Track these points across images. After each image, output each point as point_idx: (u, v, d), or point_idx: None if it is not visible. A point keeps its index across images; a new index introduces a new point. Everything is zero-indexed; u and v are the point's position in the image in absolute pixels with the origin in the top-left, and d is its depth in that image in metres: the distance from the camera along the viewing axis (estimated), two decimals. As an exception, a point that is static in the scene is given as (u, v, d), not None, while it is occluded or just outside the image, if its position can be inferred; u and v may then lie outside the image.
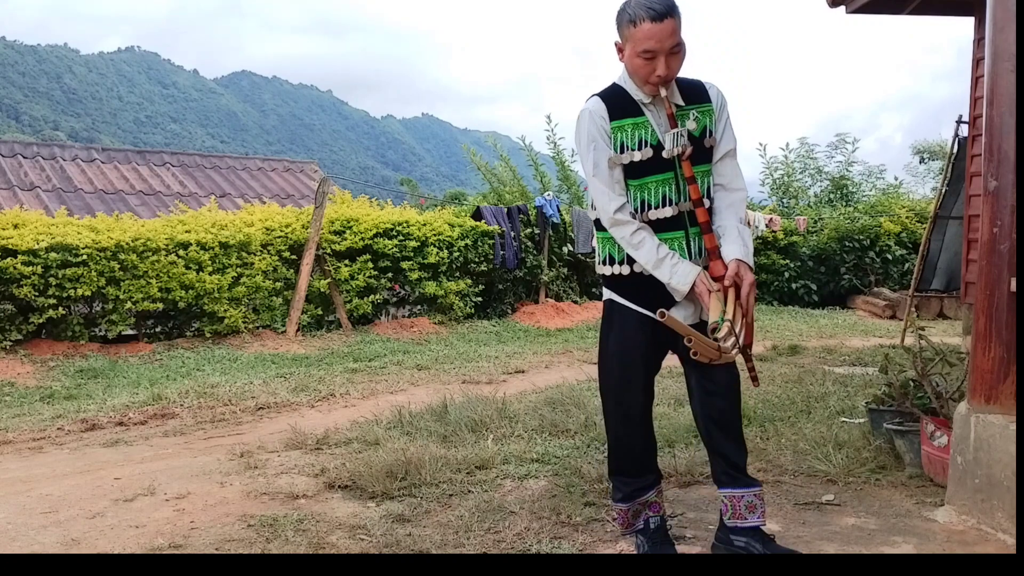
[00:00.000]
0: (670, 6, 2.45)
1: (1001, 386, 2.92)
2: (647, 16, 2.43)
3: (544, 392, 5.54)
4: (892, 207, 14.13)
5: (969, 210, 5.94)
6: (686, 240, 2.60)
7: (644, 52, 2.46)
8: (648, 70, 2.49)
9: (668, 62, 2.47)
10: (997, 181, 2.93)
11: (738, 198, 2.65)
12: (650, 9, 2.43)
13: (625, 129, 2.58)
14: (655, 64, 2.47)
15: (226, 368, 7.20)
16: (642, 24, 2.44)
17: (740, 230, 2.59)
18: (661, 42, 2.44)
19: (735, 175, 2.65)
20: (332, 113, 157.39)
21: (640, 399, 2.72)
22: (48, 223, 7.91)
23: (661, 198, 2.58)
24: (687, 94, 2.61)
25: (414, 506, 3.25)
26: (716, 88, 2.66)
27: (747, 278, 2.53)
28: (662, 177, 2.58)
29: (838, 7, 6.24)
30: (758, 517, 2.62)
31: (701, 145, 2.60)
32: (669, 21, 2.43)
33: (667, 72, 2.48)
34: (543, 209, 11.21)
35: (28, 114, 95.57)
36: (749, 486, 2.64)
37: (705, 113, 2.61)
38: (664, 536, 2.74)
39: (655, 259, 2.54)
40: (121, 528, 3.12)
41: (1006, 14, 2.91)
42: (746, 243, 2.57)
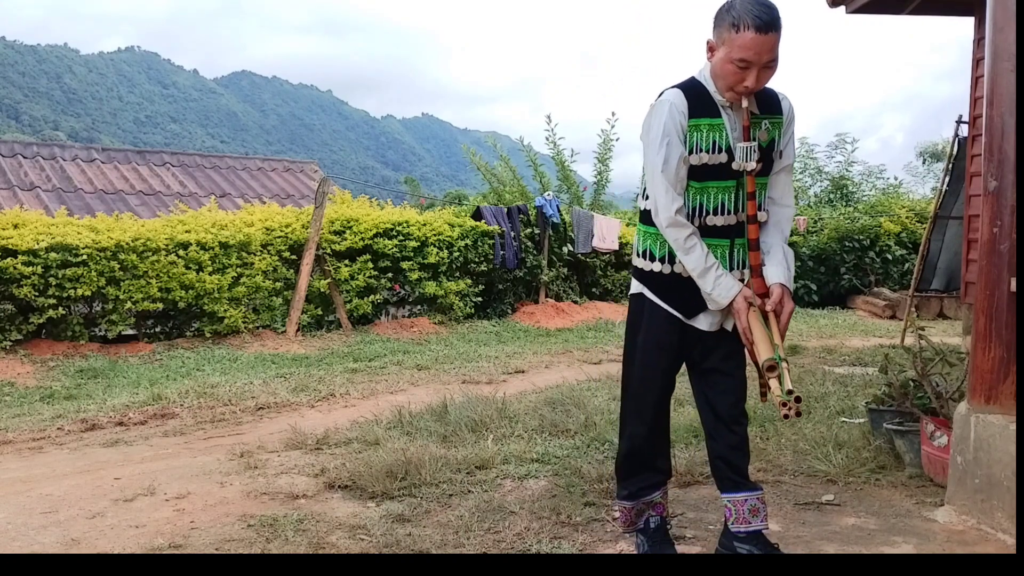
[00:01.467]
0: (776, 18, 2.35)
1: (1001, 386, 2.92)
2: (752, 25, 2.32)
3: (544, 392, 5.54)
4: (892, 207, 14.14)
5: (969, 210, 5.94)
6: (730, 249, 2.57)
7: (739, 60, 2.37)
8: (737, 79, 2.41)
9: (760, 75, 2.39)
10: (997, 181, 2.93)
11: (786, 215, 2.62)
12: (757, 18, 2.32)
13: (701, 129, 2.50)
14: (746, 75, 2.38)
15: (226, 368, 7.20)
16: (745, 32, 2.33)
17: (785, 251, 2.56)
18: (759, 55, 2.35)
19: (787, 191, 2.62)
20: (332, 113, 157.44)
21: (658, 398, 2.69)
22: (48, 223, 7.91)
23: (719, 205, 2.53)
24: (761, 103, 2.54)
25: (414, 506, 3.25)
26: (788, 101, 2.61)
27: (788, 306, 2.51)
28: (724, 184, 2.52)
29: (838, 7, 6.24)
30: (761, 520, 2.61)
31: (767, 157, 2.56)
32: (773, 34, 2.34)
33: (756, 85, 2.41)
34: (543, 209, 11.20)
35: (28, 114, 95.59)
36: (752, 490, 2.63)
37: (776, 125, 2.56)
38: (664, 536, 2.74)
39: (702, 267, 2.49)
40: (121, 528, 3.12)
41: (1006, 14, 2.92)
42: (789, 266, 2.55)
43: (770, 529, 2.68)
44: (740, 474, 2.63)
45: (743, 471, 2.64)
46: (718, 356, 2.62)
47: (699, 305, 2.58)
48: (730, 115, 2.51)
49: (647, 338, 2.65)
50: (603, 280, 12.23)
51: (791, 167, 2.63)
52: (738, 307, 2.48)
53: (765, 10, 2.34)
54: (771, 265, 2.53)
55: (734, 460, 2.62)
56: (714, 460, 2.67)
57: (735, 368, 2.63)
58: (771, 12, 2.35)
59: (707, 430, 2.68)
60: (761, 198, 2.57)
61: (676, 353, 2.65)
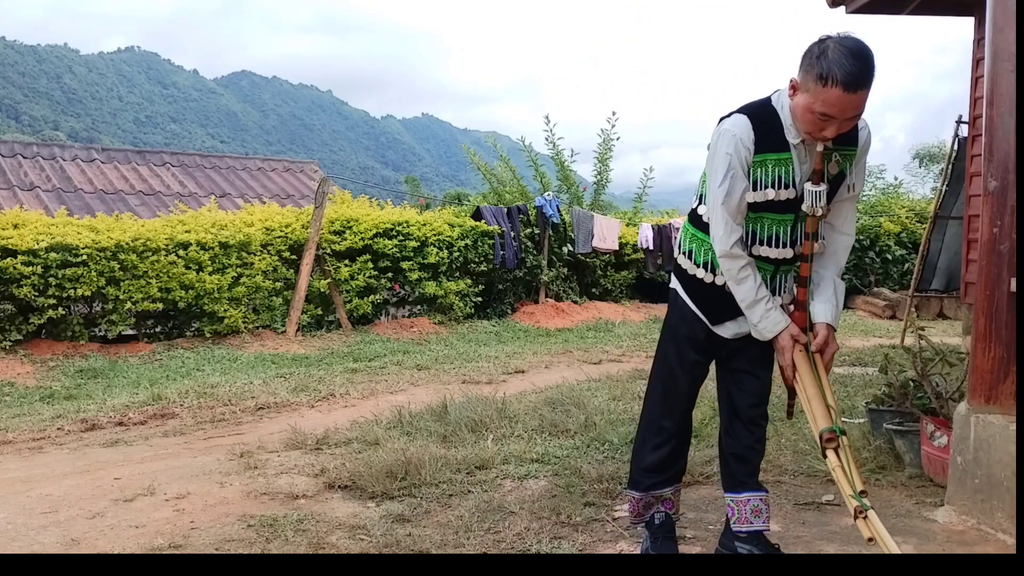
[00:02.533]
0: (869, 76, 2.19)
1: (1001, 386, 2.92)
2: (841, 82, 2.17)
3: (544, 392, 5.54)
4: (892, 207, 14.13)
5: (969, 210, 5.94)
6: (773, 275, 2.55)
7: (822, 114, 2.24)
8: (816, 128, 2.29)
9: (841, 127, 2.28)
10: (997, 181, 2.93)
11: (845, 244, 2.55)
12: (849, 75, 2.16)
13: (767, 165, 2.41)
14: (827, 126, 2.27)
15: (226, 368, 7.20)
16: (833, 88, 2.19)
17: (836, 285, 2.51)
18: (843, 112, 2.22)
19: (849, 219, 2.54)
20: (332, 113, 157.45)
21: (688, 389, 2.71)
22: (48, 223, 7.91)
23: (772, 236, 2.48)
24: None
25: (414, 506, 3.25)
26: (867, 128, 2.46)
27: (831, 347, 2.48)
28: (781, 217, 2.46)
29: (838, 7, 6.23)
30: (763, 522, 2.62)
31: (834, 188, 2.46)
32: (862, 93, 2.19)
33: (831, 135, 2.29)
34: (543, 209, 11.20)
35: (28, 114, 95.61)
36: (756, 491, 2.63)
37: (847, 157, 2.44)
38: (668, 534, 2.74)
39: (752, 299, 2.45)
40: (121, 528, 3.12)
41: (1006, 14, 2.91)
42: (838, 303, 2.50)
43: (770, 530, 2.68)
44: (748, 474, 2.63)
45: (752, 471, 2.64)
46: (745, 358, 2.63)
47: (727, 315, 2.58)
48: (800, 150, 2.40)
49: (678, 332, 2.69)
50: (603, 280, 12.23)
51: (855, 196, 2.53)
52: (783, 344, 2.46)
53: (858, 65, 2.18)
54: (819, 302, 2.49)
55: (748, 458, 2.64)
56: (726, 457, 2.67)
57: (762, 371, 2.64)
58: (864, 66, 2.19)
59: (724, 426, 2.70)
60: (819, 231, 2.50)
61: (705, 348, 2.67)
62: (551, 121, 12.89)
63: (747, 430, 2.60)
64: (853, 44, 2.20)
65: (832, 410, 2.38)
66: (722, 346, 2.65)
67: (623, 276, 12.38)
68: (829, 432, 2.33)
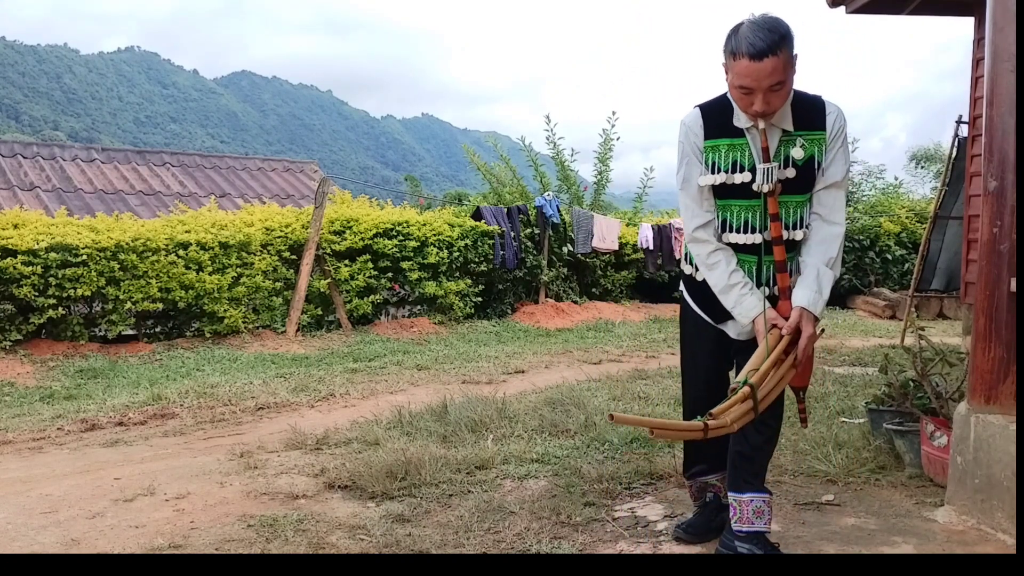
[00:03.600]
0: (774, 43, 2.30)
1: (1001, 386, 2.92)
2: (746, 53, 2.31)
3: (544, 392, 5.54)
4: (892, 207, 14.14)
5: (969, 210, 5.94)
6: (758, 265, 2.57)
7: (740, 87, 2.37)
8: (745, 103, 2.41)
9: (766, 98, 2.36)
10: (997, 181, 2.93)
11: (831, 233, 2.52)
12: (751, 46, 2.30)
13: (719, 149, 2.51)
14: (752, 99, 2.38)
15: (226, 368, 7.19)
16: (740, 60, 2.33)
17: (820, 273, 2.48)
18: (758, 80, 2.33)
19: (835, 207, 2.53)
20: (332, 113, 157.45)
21: (702, 391, 2.77)
22: (48, 223, 7.91)
23: (743, 223, 2.54)
24: (801, 117, 2.48)
25: (414, 506, 3.25)
26: (836, 112, 2.51)
27: (806, 331, 2.44)
28: (748, 203, 2.52)
29: (838, 7, 6.24)
30: (764, 523, 2.62)
31: (805, 174, 2.49)
32: (770, 60, 2.30)
33: (765, 108, 2.38)
34: (543, 209, 11.20)
35: (28, 114, 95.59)
36: (759, 492, 2.64)
37: (814, 142, 2.48)
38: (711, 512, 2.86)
39: (725, 284, 2.52)
40: (121, 528, 3.12)
41: (1006, 14, 2.91)
42: (821, 289, 2.47)
43: (771, 531, 2.69)
44: (754, 475, 2.64)
45: (757, 472, 2.65)
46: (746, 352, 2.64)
47: (726, 313, 2.60)
48: (753, 134, 2.48)
49: (687, 333, 2.84)
50: (603, 280, 12.23)
51: (842, 183, 2.52)
52: (759, 328, 2.48)
53: (762, 36, 2.30)
54: (800, 287, 2.49)
55: (754, 458, 2.65)
56: (733, 455, 2.68)
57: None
58: (768, 38, 2.30)
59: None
60: (795, 217, 2.52)
61: (715, 347, 2.74)
62: (551, 121, 12.90)
63: (756, 430, 2.57)
64: (760, 18, 2.35)
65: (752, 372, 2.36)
66: (730, 344, 2.70)
67: (623, 276, 12.38)
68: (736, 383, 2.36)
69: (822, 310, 2.47)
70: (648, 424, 2.25)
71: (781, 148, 2.48)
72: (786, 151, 2.48)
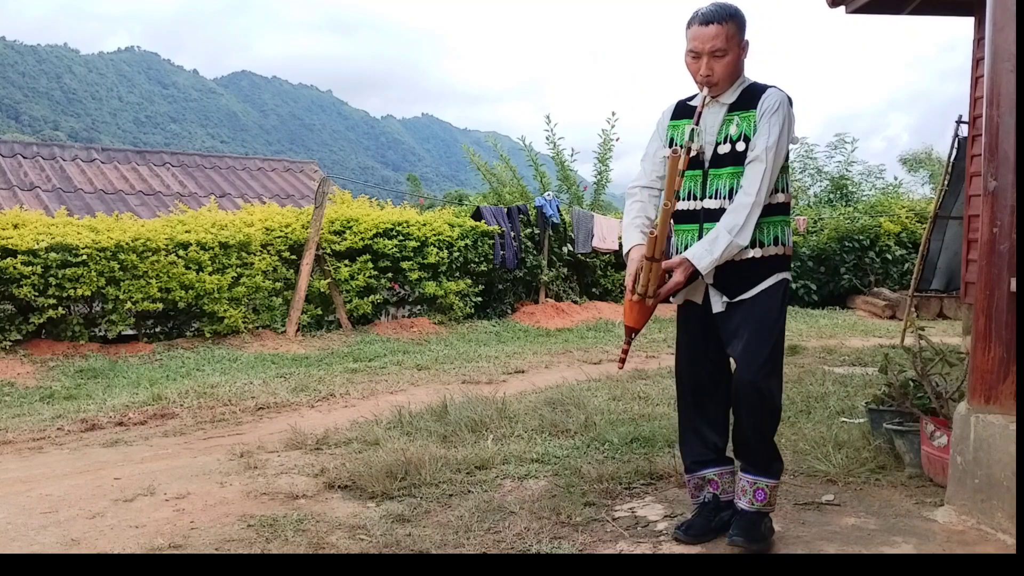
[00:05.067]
0: (721, 15, 2.67)
1: (1001, 386, 2.92)
2: (696, 19, 2.70)
3: (544, 392, 5.54)
4: (892, 207, 14.14)
5: (969, 210, 5.94)
6: (698, 234, 2.78)
7: (690, 51, 2.72)
8: (694, 69, 2.73)
9: (710, 64, 2.68)
10: (997, 181, 2.93)
11: (741, 203, 2.68)
12: (701, 14, 2.69)
13: (679, 127, 2.85)
14: (699, 64, 2.70)
15: (226, 368, 7.19)
16: (692, 26, 2.71)
17: (719, 235, 2.67)
18: (703, 44, 2.68)
19: (751, 179, 2.69)
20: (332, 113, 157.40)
21: (686, 381, 2.93)
22: (48, 223, 7.91)
23: (687, 192, 2.82)
24: (742, 99, 2.75)
25: (414, 506, 3.25)
26: (773, 95, 2.72)
27: (675, 278, 2.70)
28: (693, 173, 2.80)
29: (838, 7, 6.24)
30: (746, 502, 2.77)
31: (736, 149, 2.73)
32: (714, 27, 2.66)
33: (708, 72, 2.70)
34: (543, 209, 11.20)
35: (28, 114, 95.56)
36: (752, 473, 2.78)
37: (746, 119, 2.73)
38: (708, 512, 2.88)
39: (625, 223, 2.91)
40: (121, 528, 3.12)
41: (1006, 14, 2.91)
42: (712, 249, 2.67)
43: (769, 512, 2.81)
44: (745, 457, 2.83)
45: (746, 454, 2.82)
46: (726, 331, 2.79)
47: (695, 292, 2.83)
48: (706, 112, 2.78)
49: (678, 317, 3.01)
50: (603, 280, 12.23)
51: (761, 157, 2.67)
52: (632, 258, 2.79)
53: (711, 7, 2.69)
54: (697, 243, 2.73)
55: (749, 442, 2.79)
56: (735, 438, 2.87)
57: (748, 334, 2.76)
58: (716, 9, 2.68)
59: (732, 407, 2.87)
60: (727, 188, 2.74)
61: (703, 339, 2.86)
62: (552, 121, 12.91)
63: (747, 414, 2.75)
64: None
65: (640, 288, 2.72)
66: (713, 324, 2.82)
67: (623, 276, 12.33)
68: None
69: (707, 264, 2.67)
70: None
71: (723, 127, 2.76)
72: (727, 130, 2.75)
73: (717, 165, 2.75)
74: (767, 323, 2.70)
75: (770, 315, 2.71)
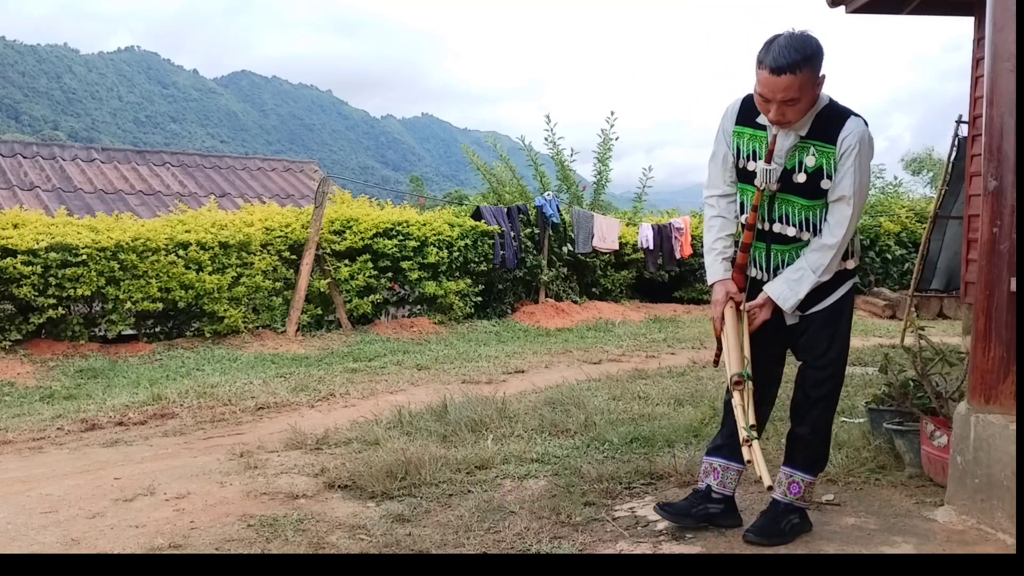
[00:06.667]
0: (794, 63, 2.47)
1: (1001, 386, 2.92)
2: (768, 66, 2.51)
3: (544, 392, 5.54)
4: (892, 207, 14.13)
5: (969, 210, 5.94)
6: (765, 253, 2.78)
7: (759, 95, 2.59)
8: (763, 109, 2.63)
9: (780, 110, 2.56)
10: (997, 181, 2.93)
11: (826, 244, 2.68)
12: (774, 60, 2.49)
13: (743, 136, 2.75)
14: (768, 107, 2.59)
15: (226, 368, 7.19)
16: (762, 71, 2.54)
17: (803, 275, 2.68)
18: (774, 93, 2.53)
19: (837, 221, 2.67)
20: (332, 113, 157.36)
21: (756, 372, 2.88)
22: (48, 223, 7.90)
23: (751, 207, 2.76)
24: (817, 127, 2.63)
25: (414, 506, 3.25)
26: (856, 132, 2.61)
27: (760, 315, 2.72)
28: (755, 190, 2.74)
29: (838, 7, 6.23)
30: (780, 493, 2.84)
31: (813, 182, 2.66)
32: (787, 77, 2.48)
33: (779, 118, 2.58)
34: (543, 209, 11.20)
35: (28, 114, 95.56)
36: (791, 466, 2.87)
37: (825, 154, 2.64)
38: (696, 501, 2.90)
39: (709, 246, 2.86)
40: (121, 528, 3.12)
41: (1006, 14, 2.91)
42: (792, 284, 2.68)
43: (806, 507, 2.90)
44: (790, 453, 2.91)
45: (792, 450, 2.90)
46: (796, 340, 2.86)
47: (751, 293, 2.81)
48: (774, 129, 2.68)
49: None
50: (603, 280, 12.22)
51: (846, 200, 2.64)
52: (716, 295, 2.78)
53: (786, 54, 2.47)
54: (780, 278, 2.74)
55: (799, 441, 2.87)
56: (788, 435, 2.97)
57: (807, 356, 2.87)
58: (790, 57, 2.47)
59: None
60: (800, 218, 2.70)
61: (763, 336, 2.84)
62: (551, 121, 12.90)
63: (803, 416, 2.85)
64: (797, 35, 2.52)
65: (746, 360, 2.67)
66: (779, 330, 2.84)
67: (623, 276, 12.37)
68: (738, 376, 2.64)
69: (791, 306, 2.70)
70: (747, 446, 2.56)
71: (797, 152, 2.66)
72: (801, 156, 2.66)
73: (789, 191, 2.69)
74: (837, 332, 2.79)
75: (840, 324, 2.80)
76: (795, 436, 2.89)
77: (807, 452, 2.86)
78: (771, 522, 2.80)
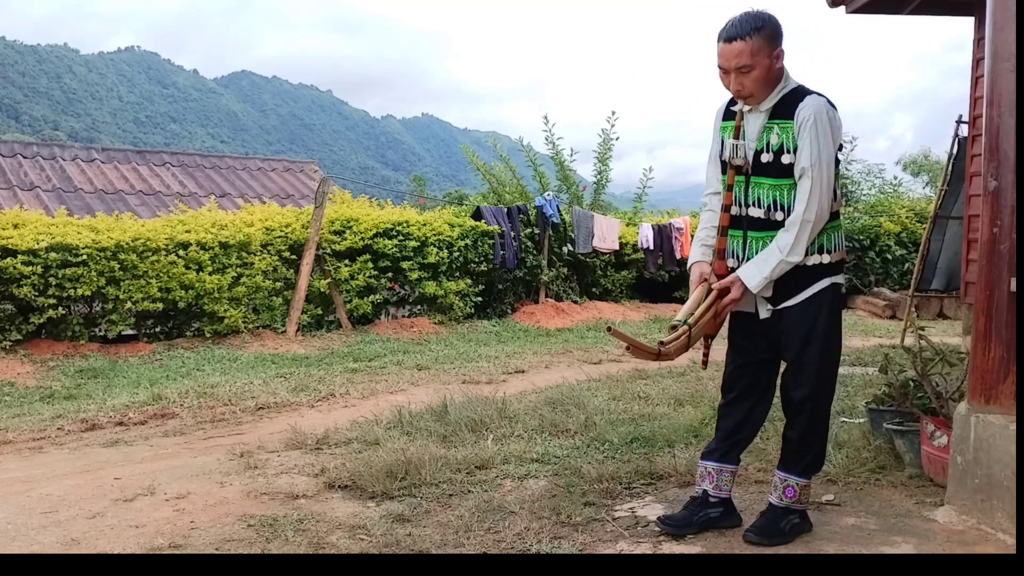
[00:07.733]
0: (744, 30, 2.61)
1: (1001, 386, 2.92)
2: (720, 36, 2.66)
3: (544, 392, 5.54)
4: (892, 207, 14.13)
5: (969, 210, 5.93)
6: (742, 241, 2.82)
7: (719, 67, 2.70)
8: (725, 83, 2.73)
9: (738, 80, 2.67)
10: (997, 181, 2.93)
11: (791, 220, 2.70)
12: (725, 30, 2.65)
13: (727, 129, 2.86)
14: (728, 80, 2.70)
15: (226, 368, 7.19)
16: (719, 44, 2.67)
17: (770, 254, 2.70)
18: (728, 61, 2.65)
19: (800, 196, 2.69)
20: (332, 113, 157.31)
21: (731, 376, 2.95)
22: (48, 223, 7.90)
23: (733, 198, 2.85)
24: (780, 108, 2.72)
25: (414, 506, 3.25)
26: (811, 105, 2.66)
27: (732, 293, 2.73)
28: (737, 179, 2.82)
29: (838, 7, 6.23)
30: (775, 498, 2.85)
31: (778, 160, 2.72)
32: (737, 43, 2.61)
33: (737, 88, 2.70)
34: (543, 209, 11.20)
35: (28, 114, 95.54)
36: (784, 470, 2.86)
37: (785, 129, 2.71)
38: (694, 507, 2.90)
39: (696, 236, 2.96)
40: (121, 528, 3.12)
41: (1006, 14, 2.91)
42: (760, 266, 2.70)
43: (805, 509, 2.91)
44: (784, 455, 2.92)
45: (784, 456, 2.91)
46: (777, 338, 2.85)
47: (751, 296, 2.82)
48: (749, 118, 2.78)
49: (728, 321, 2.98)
50: (603, 280, 12.22)
51: (807, 172, 2.67)
52: (692, 276, 2.88)
53: (737, 22, 2.63)
54: (751, 260, 2.77)
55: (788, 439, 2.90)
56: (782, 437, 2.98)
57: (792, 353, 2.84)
58: (742, 25, 2.62)
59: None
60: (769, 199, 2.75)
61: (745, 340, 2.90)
62: (550, 121, 12.90)
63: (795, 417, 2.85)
64: (751, 10, 2.66)
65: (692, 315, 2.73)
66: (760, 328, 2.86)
67: (623, 276, 12.37)
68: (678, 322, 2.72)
69: (756, 284, 2.71)
70: (629, 340, 2.63)
71: (764, 134, 2.74)
72: (768, 137, 2.73)
73: (759, 173, 2.76)
74: (814, 331, 2.74)
75: (817, 322, 2.74)
76: (786, 439, 2.91)
77: (798, 456, 2.85)
78: (771, 522, 2.81)
